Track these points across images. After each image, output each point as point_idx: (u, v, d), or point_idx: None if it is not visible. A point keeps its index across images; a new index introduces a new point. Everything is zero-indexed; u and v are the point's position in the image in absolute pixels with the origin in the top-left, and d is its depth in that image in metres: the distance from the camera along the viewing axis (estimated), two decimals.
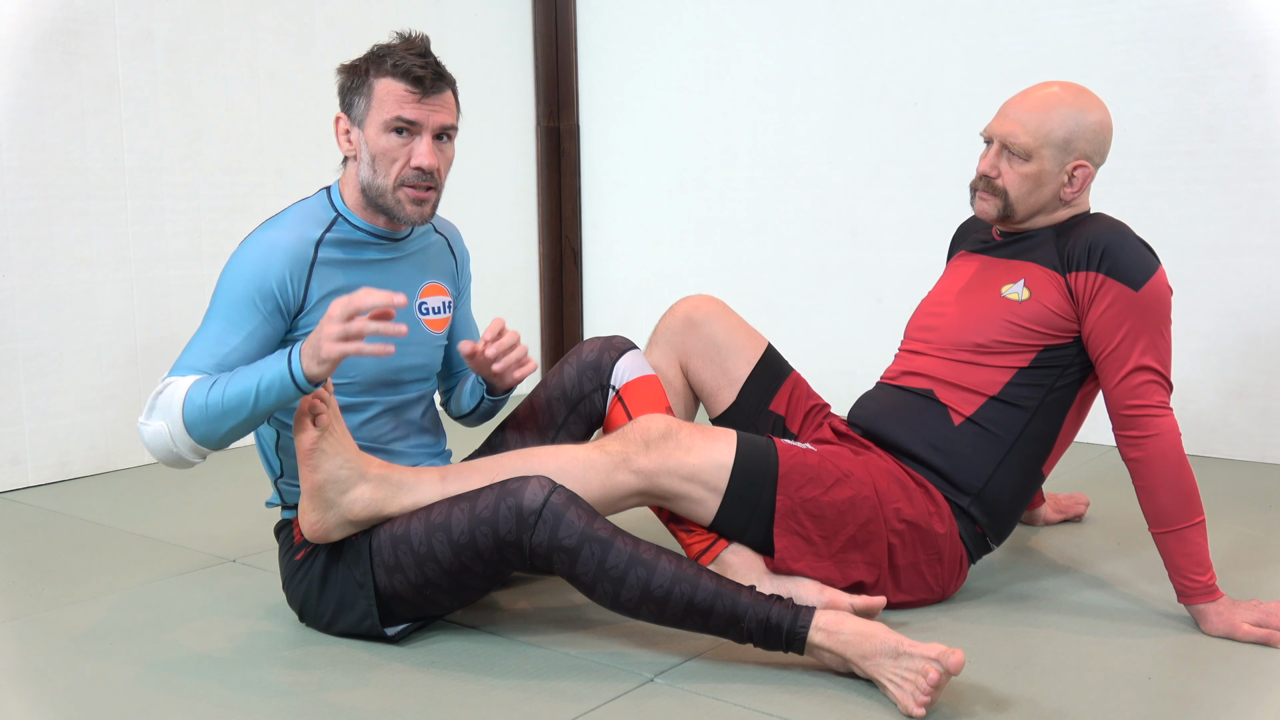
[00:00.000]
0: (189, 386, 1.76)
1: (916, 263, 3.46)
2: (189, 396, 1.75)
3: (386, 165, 1.88)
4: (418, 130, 1.88)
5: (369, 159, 1.89)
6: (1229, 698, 1.69)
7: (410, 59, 1.87)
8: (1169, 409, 1.92)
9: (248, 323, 1.83)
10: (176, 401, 1.75)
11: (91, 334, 3.08)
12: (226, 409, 1.74)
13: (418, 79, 1.86)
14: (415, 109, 1.87)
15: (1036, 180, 2.01)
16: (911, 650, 1.64)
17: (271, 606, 2.08)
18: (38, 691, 1.76)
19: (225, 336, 1.82)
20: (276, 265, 1.86)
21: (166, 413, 1.76)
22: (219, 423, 1.75)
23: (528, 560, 1.75)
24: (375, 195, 1.91)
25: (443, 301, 2.07)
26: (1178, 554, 1.90)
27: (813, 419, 2.22)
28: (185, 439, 1.76)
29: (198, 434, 1.76)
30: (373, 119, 1.88)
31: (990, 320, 2.03)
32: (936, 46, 3.52)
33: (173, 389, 1.77)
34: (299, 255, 1.88)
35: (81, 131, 3.03)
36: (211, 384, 1.75)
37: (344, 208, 1.95)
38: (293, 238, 1.89)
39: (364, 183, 1.91)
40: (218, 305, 1.85)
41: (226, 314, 1.84)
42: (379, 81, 1.87)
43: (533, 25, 4.27)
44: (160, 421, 1.76)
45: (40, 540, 2.55)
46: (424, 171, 1.88)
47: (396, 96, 1.86)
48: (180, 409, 1.74)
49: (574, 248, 4.41)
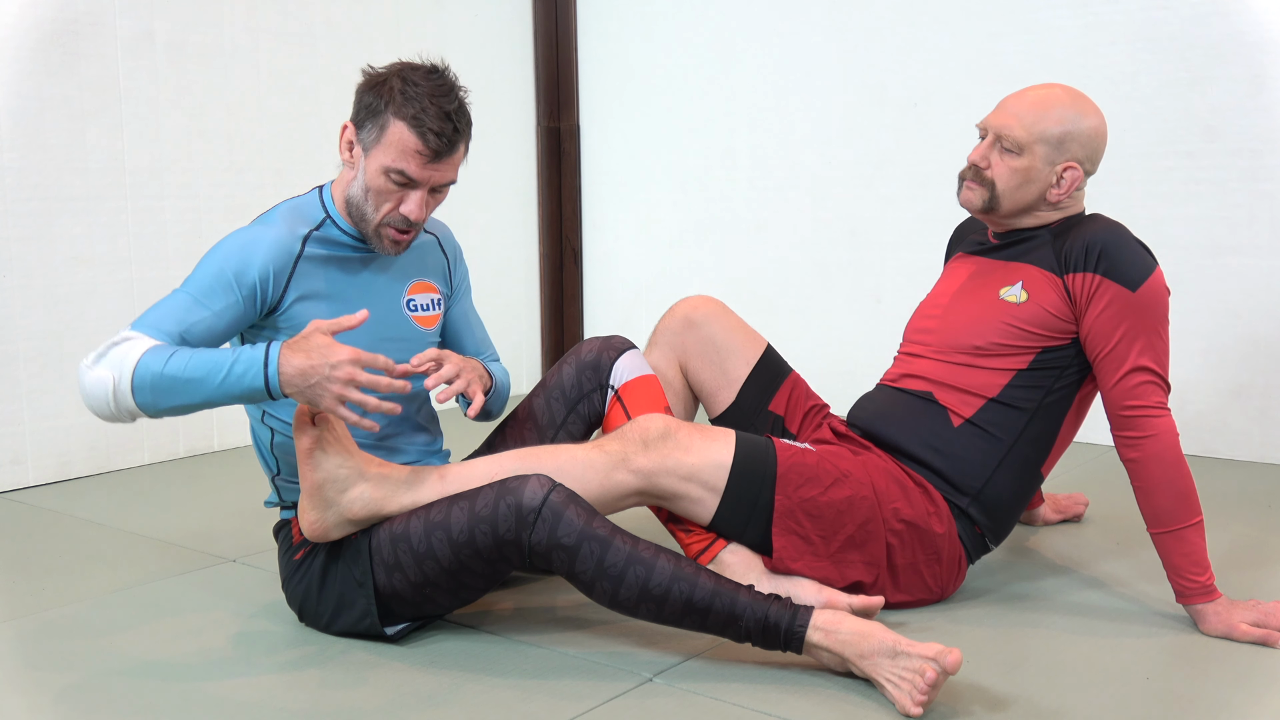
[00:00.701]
0: (146, 349, 1.73)
1: (916, 263, 3.46)
2: (144, 360, 1.72)
3: (377, 201, 1.88)
4: (415, 186, 1.87)
5: (363, 186, 1.89)
6: (1227, 698, 1.69)
7: (433, 120, 1.81)
8: (1167, 409, 1.92)
9: (220, 301, 1.83)
10: (130, 359, 1.72)
11: (92, 334, 3.08)
12: (180, 384, 1.71)
13: (434, 149, 1.83)
14: (420, 170, 1.85)
15: (1025, 175, 2.01)
16: (909, 650, 1.64)
17: (271, 606, 2.08)
18: (38, 690, 1.76)
19: (195, 308, 1.81)
20: (261, 255, 1.86)
21: (116, 366, 1.72)
22: (168, 395, 1.72)
23: (526, 558, 1.75)
24: (359, 217, 1.91)
25: (432, 299, 2.07)
26: (1176, 554, 1.90)
27: (812, 419, 2.23)
28: (128, 399, 1.72)
29: (141, 399, 1.73)
30: (377, 156, 1.86)
31: (988, 323, 2.03)
32: (936, 47, 3.52)
33: (130, 345, 1.74)
34: (285, 249, 1.89)
35: (82, 132, 3.03)
36: (170, 355, 1.72)
37: (333, 210, 1.96)
38: (281, 233, 1.90)
39: (352, 198, 1.91)
40: (195, 278, 1.84)
41: (202, 288, 1.83)
42: (395, 123, 1.83)
43: (533, 25, 4.27)
44: (107, 371, 1.72)
45: (40, 540, 2.55)
46: (410, 220, 1.89)
47: (405, 149, 1.83)
48: (132, 369, 1.71)
49: (574, 248, 4.41)
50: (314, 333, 1.72)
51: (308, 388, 1.70)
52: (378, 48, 3.73)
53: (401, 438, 2.01)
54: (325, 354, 1.69)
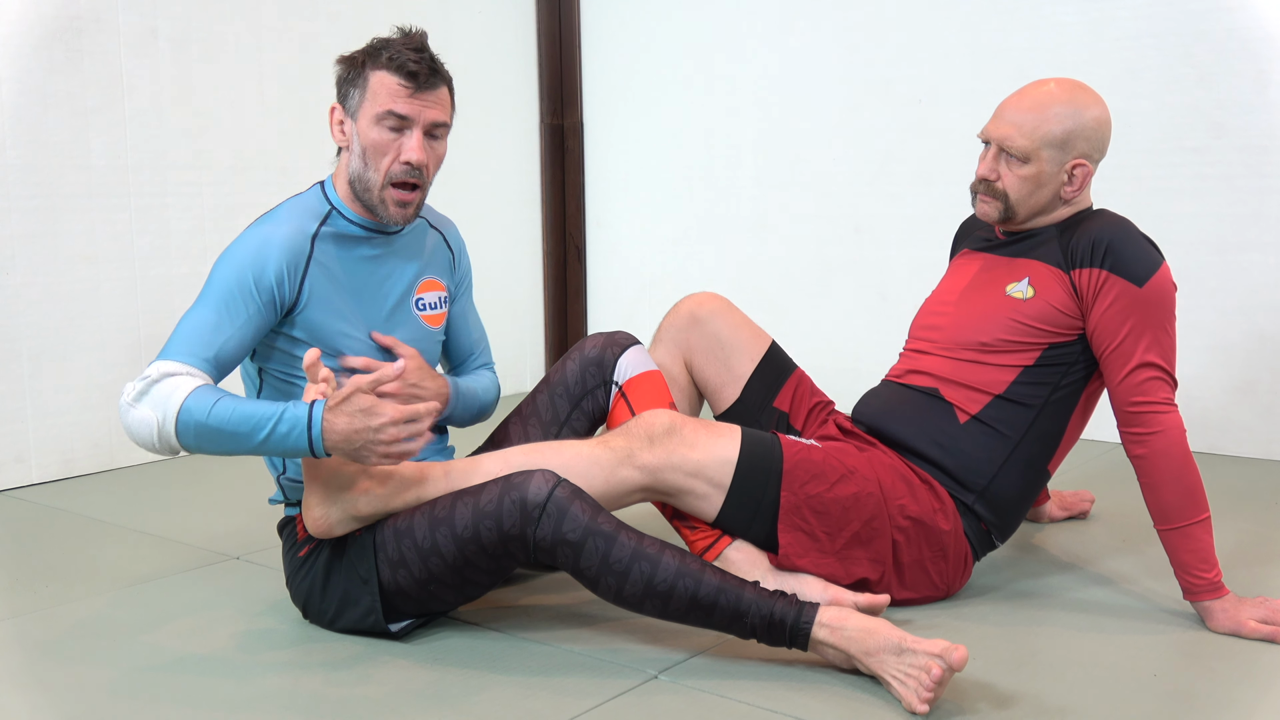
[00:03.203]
0: (190, 392, 1.73)
1: (921, 260, 3.45)
2: (187, 405, 1.73)
3: (377, 158, 1.88)
4: (409, 125, 1.88)
5: (360, 150, 1.89)
6: (1234, 695, 1.68)
7: (406, 53, 1.86)
8: (1173, 405, 1.92)
9: (242, 312, 1.83)
10: (174, 403, 1.73)
11: (95, 331, 3.08)
12: (223, 436, 1.74)
13: (412, 73, 1.86)
14: (408, 103, 1.87)
15: (1036, 182, 2.00)
16: (915, 646, 1.64)
17: (275, 603, 2.08)
18: (41, 688, 1.76)
19: (221, 325, 1.81)
20: (274, 258, 1.86)
21: (159, 406, 1.73)
22: (211, 443, 1.75)
23: (531, 554, 1.75)
24: (362, 189, 1.91)
25: (439, 297, 2.07)
26: (1183, 551, 1.89)
27: (817, 416, 2.22)
28: (172, 440, 1.74)
29: (185, 442, 1.75)
30: (365, 111, 1.88)
31: (995, 319, 2.02)
32: (941, 43, 3.51)
33: (172, 384, 1.75)
34: (296, 249, 1.88)
35: (85, 129, 3.03)
36: (214, 403, 1.73)
37: (337, 200, 1.95)
38: (290, 230, 1.89)
39: (353, 174, 1.91)
40: (212, 292, 1.84)
41: (221, 302, 1.83)
42: (374, 74, 1.87)
43: (536, 22, 4.27)
44: (150, 412, 1.74)
45: (44, 537, 2.55)
46: (412, 166, 1.88)
47: (390, 90, 1.86)
48: (176, 413, 1.73)
49: (578, 245, 4.40)
50: (355, 393, 1.72)
51: (353, 451, 1.73)
52: None
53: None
54: (368, 418, 1.71)
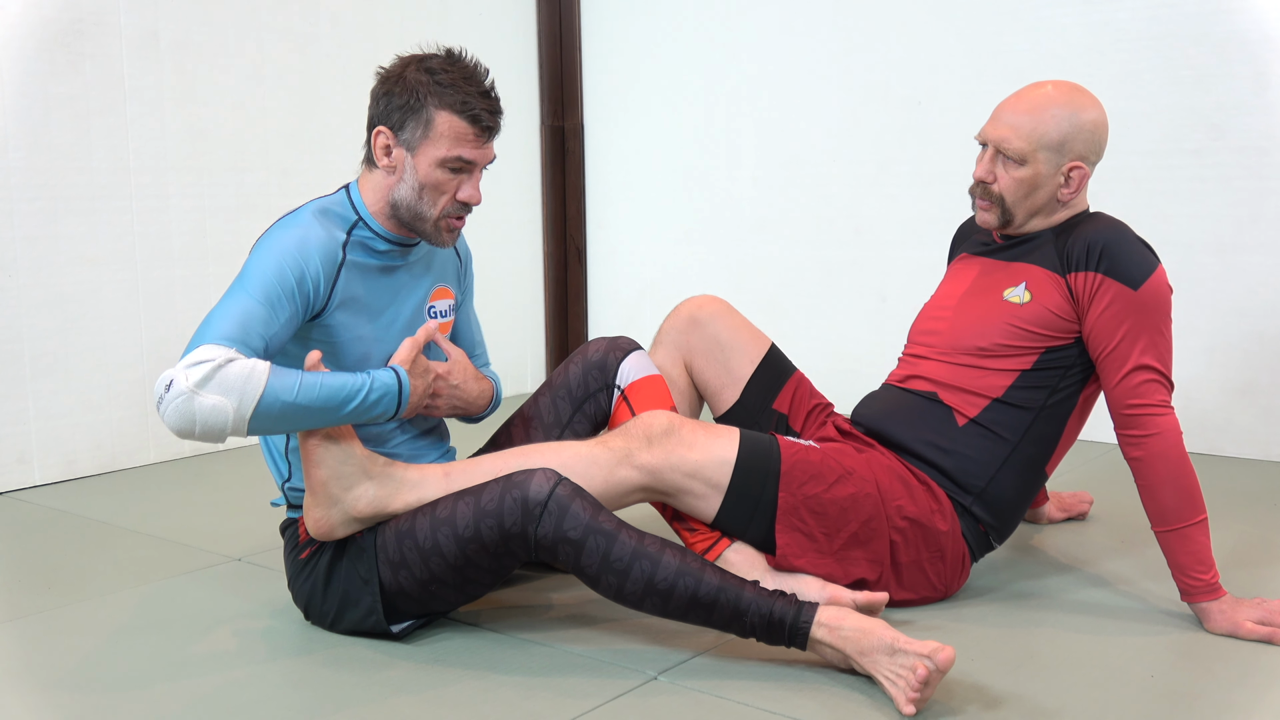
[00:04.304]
0: (269, 376, 1.69)
1: (921, 261, 3.46)
2: (273, 387, 1.69)
3: (435, 196, 1.88)
4: (471, 168, 1.89)
5: (415, 185, 1.88)
6: (1232, 696, 1.69)
7: (477, 101, 1.85)
8: (1170, 407, 1.92)
9: (285, 309, 1.79)
10: (256, 386, 1.68)
11: (97, 333, 3.09)
12: (310, 413, 1.74)
13: (487, 127, 1.87)
14: (475, 151, 1.88)
15: (1032, 184, 2.00)
16: (906, 647, 1.65)
17: (276, 605, 2.08)
18: (43, 690, 1.77)
19: (269, 319, 1.77)
20: (314, 262, 1.83)
21: (235, 391, 1.67)
22: (289, 422, 1.74)
23: (532, 552, 1.76)
24: (411, 218, 1.90)
25: (449, 305, 2.08)
26: (1180, 552, 1.90)
27: (816, 418, 2.22)
28: (245, 423, 1.70)
29: (261, 424, 1.71)
30: (427, 151, 1.86)
31: (992, 324, 2.03)
32: (940, 45, 3.52)
33: (244, 368, 1.69)
34: (331, 254, 1.86)
35: (87, 131, 3.04)
36: (299, 383, 1.72)
37: (365, 211, 1.93)
38: (325, 236, 1.86)
39: (400, 201, 1.90)
40: (256, 284, 1.78)
41: (267, 296, 1.77)
42: (440, 114, 1.85)
43: (537, 24, 4.27)
44: (221, 398, 1.67)
45: (46, 539, 2.56)
46: (469, 205, 1.91)
47: (458, 135, 1.85)
48: (259, 396, 1.68)
49: (579, 247, 4.41)
50: (418, 356, 1.89)
51: (416, 405, 1.90)
52: (382, 47, 3.72)
53: (410, 441, 2.01)
54: (426, 376, 1.91)
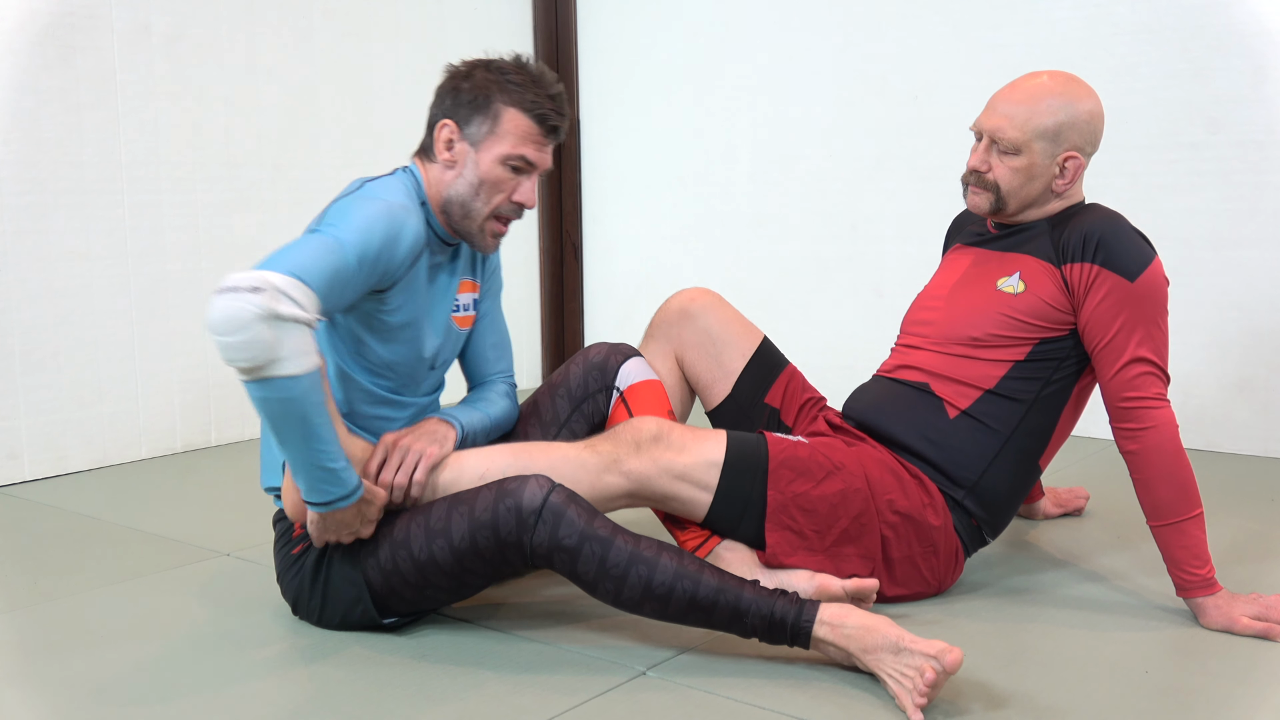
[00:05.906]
0: (312, 370, 1.62)
1: (917, 256, 3.44)
2: (301, 382, 1.60)
3: (491, 193, 1.88)
4: (531, 169, 1.89)
5: (474, 180, 1.87)
6: (1227, 692, 1.67)
7: (546, 103, 1.86)
8: (1166, 401, 1.91)
9: (370, 274, 1.75)
10: (296, 366, 1.59)
11: (88, 329, 3.07)
12: (294, 426, 1.63)
13: (553, 128, 1.87)
14: (538, 153, 1.88)
15: (1027, 174, 1.99)
16: (912, 646, 1.63)
17: (266, 600, 2.07)
18: (32, 685, 1.76)
19: (353, 282, 1.71)
20: (408, 240, 1.80)
21: (286, 349, 1.58)
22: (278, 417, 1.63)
23: (529, 559, 1.75)
24: (461, 214, 1.89)
25: (472, 299, 2.07)
26: (1176, 547, 1.89)
27: (808, 412, 2.21)
28: (258, 373, 1.58)
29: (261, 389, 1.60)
30: (491, 147, 1.86)
31: (985, 314, 2.01)
32: (936, 39, 3.50)
33: (306, 342, 1.61)
34: (417, 243, 1.83)
35: (79, 126, 3.02)
36: (320, 400, 1.64)
37: (428, 206, 1.92)
38: (417, 223, 1.83)
39: (455, 196, 1.89)
40: (354, 242, 1.72)
41: (362, 258, 1.72)
42: (508, 111, 1.85)
43: (533, 21, 4.26)
44: (274, 344, 1.57)
45: (36, 534, 2.55)
46: (522, 208, 1.90)
47: (524, 134, 1.86)
48: (287, 375, 1.59)
49: (575, 243, 4.40)
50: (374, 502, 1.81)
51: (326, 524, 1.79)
52: (376, 42, 3.72)
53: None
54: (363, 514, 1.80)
